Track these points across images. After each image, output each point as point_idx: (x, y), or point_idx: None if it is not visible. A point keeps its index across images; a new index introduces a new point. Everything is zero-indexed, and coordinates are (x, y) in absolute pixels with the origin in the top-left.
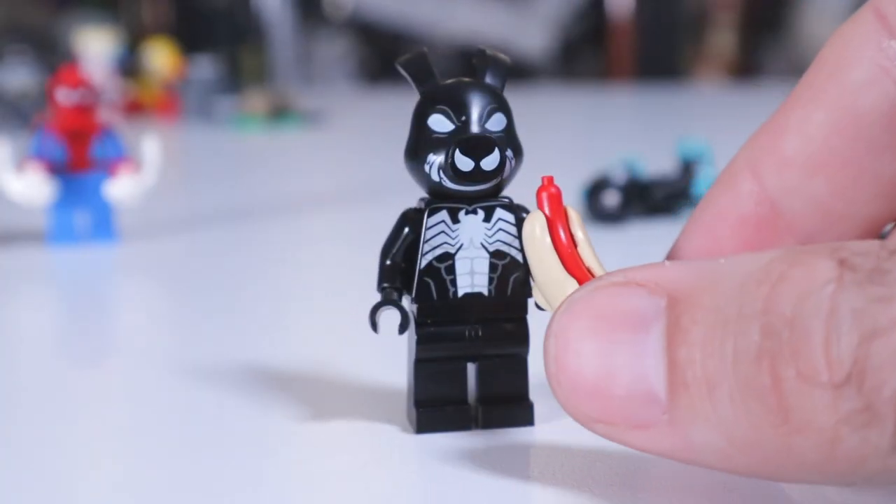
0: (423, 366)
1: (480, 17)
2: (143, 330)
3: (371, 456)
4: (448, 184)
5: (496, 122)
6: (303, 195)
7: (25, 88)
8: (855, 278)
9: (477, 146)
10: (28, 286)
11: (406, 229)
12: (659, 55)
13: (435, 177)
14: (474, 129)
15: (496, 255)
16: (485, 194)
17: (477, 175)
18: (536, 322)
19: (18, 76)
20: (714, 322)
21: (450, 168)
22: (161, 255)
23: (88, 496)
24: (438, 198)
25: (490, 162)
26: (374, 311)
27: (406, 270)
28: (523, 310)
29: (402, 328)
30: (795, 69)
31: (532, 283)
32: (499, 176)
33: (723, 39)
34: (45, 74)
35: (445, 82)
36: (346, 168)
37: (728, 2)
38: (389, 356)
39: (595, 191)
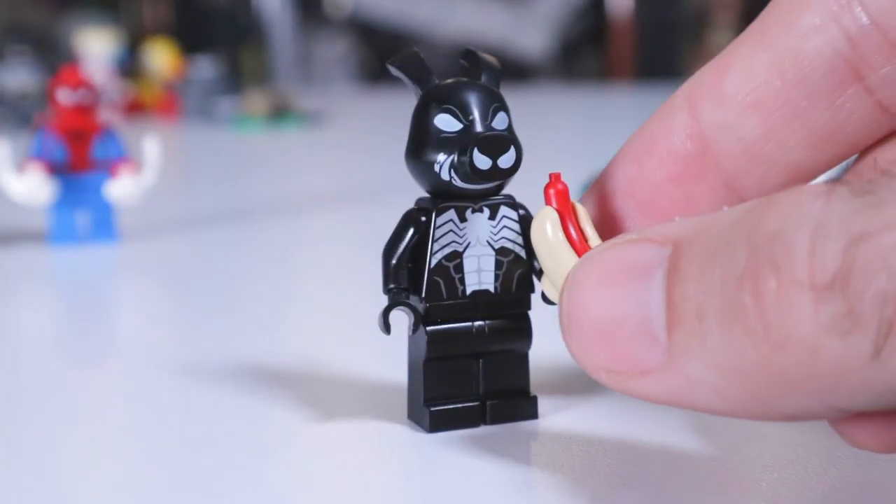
0: (433, 365)
1: (480, 17)
2: (143, 330)
3: (371, 455)
4: (458, 182)
5: (501, 121)
6: (303, 195)
7: (26, 89)
8: (846, 191)
9: (494, 145)
10: (28, 286)
11: (411, 230)
12: (659, 55)
13: (445, 176)
14: (480, 127)
15: (501, 252)
16: (488, 192)
17: (495, 173)
18: (540, 317)
19: (19, 76)
20: (706, 255)
21: (468, 166)
22: (161, 255)
23: (88, 496)
24: (442, 197)
25: (507, 160)
26: (387, 312)
27: (412, 271)
28: (527, 305)
29: (416, 328)
30: None
31: (540, 278)
32: (514, 173)
33: (723, 39)
34: (45, 75)
35: (447, 82)
36: (346, 168)
37: (728, 2)
38: (389, 356)
39: None
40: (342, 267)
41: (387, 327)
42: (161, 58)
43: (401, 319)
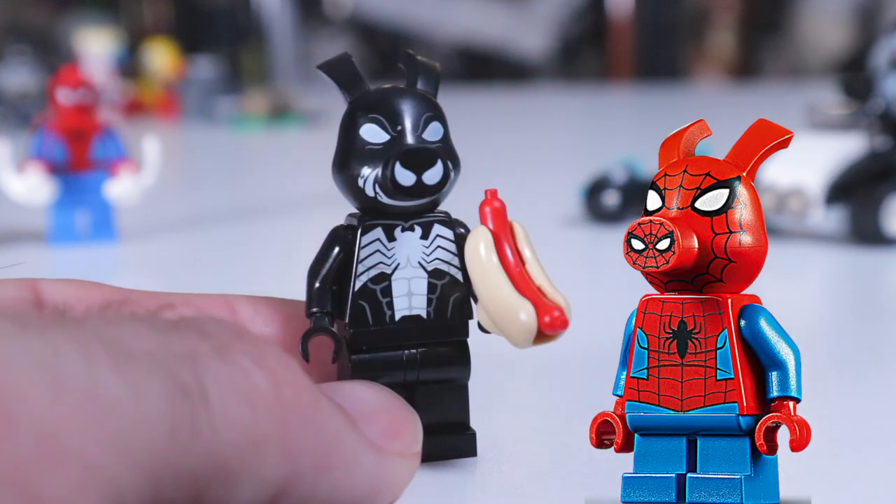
0: None
1: (480, 18)
2: None
3: None
4: (385, 199)
5: (433, 132)
6: (303, 195)
7: (26, 88)
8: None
9: (419, 158)
10: None
11: (336, 248)
12: (659, 55)
13: (370, 191)
14: (410, 139)
15: (434, 274)
16: (421, 209)
17: (419, 189)
18: (478, 345)
19: (19, 76)
20: None
21: (389, 182)
22: (161, 255)
23: None
24: (372, 214)
25: (433, 175)
26: (305, 338)
27: (337, 293)
28: (464, 332)
29: (336, 356)
30: (795, 69)
31: (475, 304)
32: (441, 190)
33: (723, 39)
34: (45, 74)
35: (377, 88)
36: None
37: (728, 2)
38: None
39: (595, 191)
40: None
41: (304, 353)
42: (161, 57)
43: (328, 346)
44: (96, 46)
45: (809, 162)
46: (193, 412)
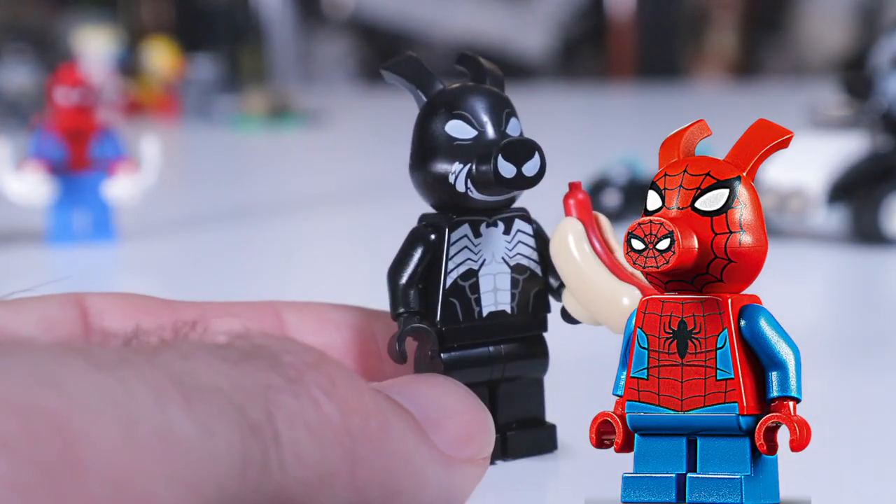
0: None
1: (480, 17)
2: None
3: None
4: (474, 194)
5: (514, 127)
6: (303, 195)
7: (24, 88)
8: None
9: (519, 150)
10: (27, 286)
11: (420, 248)
12: (659, 55)
13: (460, 187)
14: (494, 134)
15: (517, 269)
16: (500, 205)
17: (519, 181)
18: (555, 339)
19: (17, 75)
20: None
21: (491, 174)
22: (160, 255)
23: None
24: (449, 211)
25: (532, 167)
26: (401, 339)
27: (423, 292)
28: (543, 327)
29: (434, 353)
30: (795, 69)
31: (556, 296)
32: (538, 181)
33: (723, 39)
34: (44, 74)
35: (455, 86)
36: (346, 168)
37: (728, 2)
38: None
39: (595, 191)
40: (342, 267)
41: (402, 355)
42: (160, 57)
43: (424, 345)
44: (95, 46)
45: (810, 162)
46: (264, 450)
